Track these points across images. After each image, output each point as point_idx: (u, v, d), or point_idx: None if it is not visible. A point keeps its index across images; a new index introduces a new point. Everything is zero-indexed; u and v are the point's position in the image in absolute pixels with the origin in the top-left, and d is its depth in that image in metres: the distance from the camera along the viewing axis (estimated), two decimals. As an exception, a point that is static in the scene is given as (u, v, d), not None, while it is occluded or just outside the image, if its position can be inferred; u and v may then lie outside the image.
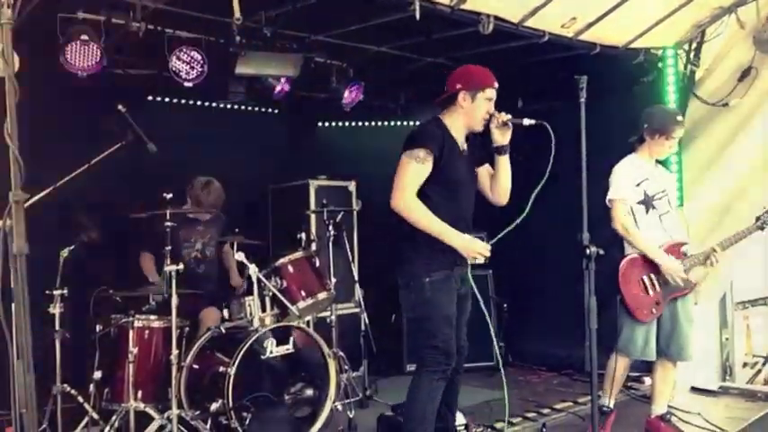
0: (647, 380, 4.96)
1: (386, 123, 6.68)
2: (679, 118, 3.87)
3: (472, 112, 3.24)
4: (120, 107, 3.94)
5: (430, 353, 3.19)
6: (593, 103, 3.21)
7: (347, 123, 6.62)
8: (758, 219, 3.83)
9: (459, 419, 4.00)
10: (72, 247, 3.94)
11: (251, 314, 4.05)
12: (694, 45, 5.02)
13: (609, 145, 3.83)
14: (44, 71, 4.01)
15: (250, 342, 3.74)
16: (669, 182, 4.15)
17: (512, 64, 5.52)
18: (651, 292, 3.76)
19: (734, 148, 4.86)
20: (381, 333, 5.31)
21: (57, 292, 3.79)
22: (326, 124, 6.64)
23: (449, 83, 3.31)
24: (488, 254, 3.13)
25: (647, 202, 3.83)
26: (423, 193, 3.18)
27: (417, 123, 6.67)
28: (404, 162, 3.18)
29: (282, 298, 4.10)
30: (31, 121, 2.06)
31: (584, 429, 4.01)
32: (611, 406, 3.95)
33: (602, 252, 3.59)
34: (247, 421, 3.61)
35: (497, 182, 3.28)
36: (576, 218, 3.16)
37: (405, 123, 6.51)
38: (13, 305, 1.86)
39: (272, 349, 3.86)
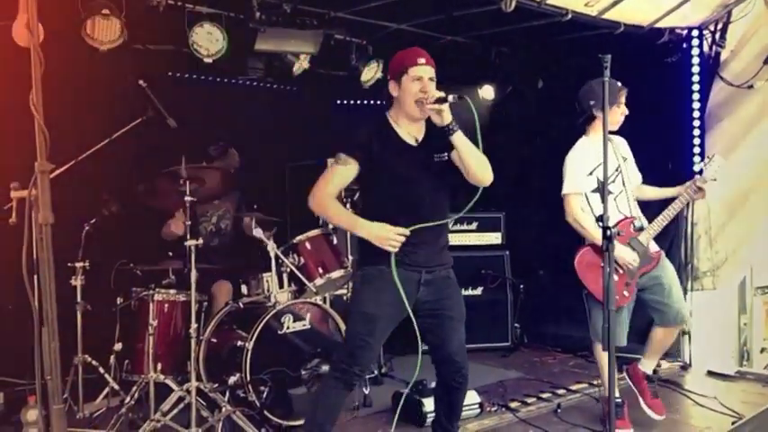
0: (664, 363, 4.95)
1: (404, 102, 6.65)
2: (620, 84, 3.69)
3: (403, 98, 2.97)
4: (140, 82, 3.97)
5: (337, 349, 3.06)
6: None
7: (366, 101, 6.60)
8: (700, 171, 3.75)
9: (474, 398, 4.03)
10: (93, 221, 4.00)
11: (268, 290, 4.10)
12: (720, 26, 4.92)
13: (631, 126, 3.78)
14: (65, 45, 4.03)
15: (268, 317, 3.78)
16: (622, 152, 3.84)
17: (534, 43, 5.48)
18: (616, 276, 3.57)
19: (758, 130, 4.80)
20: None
21: (78, 265, 3.86)
22: (345, 102, 6.62)
23: None
24: (400, 238, 2.86)
25: (602, 189, 3.59)
26: (370, 197, 3.08)
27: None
28: (328, 166, 3.08)
29: (300, 275, 4.13)
30: (52, 94, 2.07)
31: (599, 410, 4.01)
32: (617, 395, 3.72)
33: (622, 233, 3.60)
34: (264, 395, 3.66)
35: (461, 163, 3.00)
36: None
37: (423, 103, 6.47)
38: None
39: (289, 325, 3.91)
